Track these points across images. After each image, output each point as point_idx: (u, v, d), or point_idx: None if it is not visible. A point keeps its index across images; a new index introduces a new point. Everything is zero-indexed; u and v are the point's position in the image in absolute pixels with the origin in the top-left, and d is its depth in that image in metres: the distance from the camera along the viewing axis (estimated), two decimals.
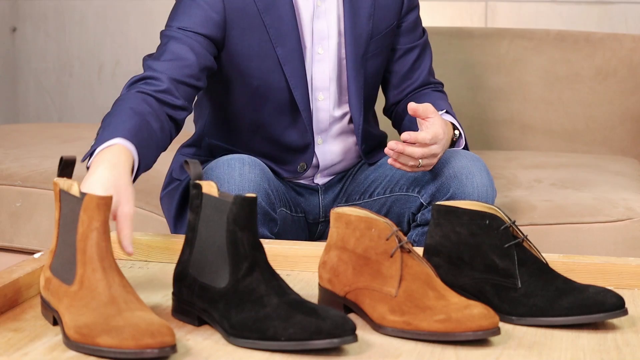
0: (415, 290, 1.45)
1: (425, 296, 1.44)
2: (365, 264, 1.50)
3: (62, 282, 1.38)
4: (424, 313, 1.42)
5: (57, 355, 1.30)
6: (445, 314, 1.40)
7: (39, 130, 3.04)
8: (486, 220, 1.50)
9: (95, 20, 3.70)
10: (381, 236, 1.49)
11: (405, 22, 2.20)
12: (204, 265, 1.41)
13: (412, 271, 1.47)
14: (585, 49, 2.95)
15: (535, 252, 1.52)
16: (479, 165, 2.00)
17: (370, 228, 1.50)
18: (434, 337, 1.38)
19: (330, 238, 1.55)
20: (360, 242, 1.51)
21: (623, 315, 1.43)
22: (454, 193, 1.98)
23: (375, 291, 1.47)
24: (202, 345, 1.35)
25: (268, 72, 2.05)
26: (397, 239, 1.48)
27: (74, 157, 1.47)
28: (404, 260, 1.47)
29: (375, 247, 1.49)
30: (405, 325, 1.41)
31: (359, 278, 1.49)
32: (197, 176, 1.45)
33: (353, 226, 1.52)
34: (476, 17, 3.39)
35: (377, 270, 1.48)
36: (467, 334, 1.37)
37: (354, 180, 2.21)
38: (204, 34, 2.00)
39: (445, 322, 1.39)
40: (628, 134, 2.93)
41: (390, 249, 1.48)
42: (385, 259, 1.47)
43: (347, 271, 1.51)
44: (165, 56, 1.97)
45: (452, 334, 1.37)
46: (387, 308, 1.44)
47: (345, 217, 1.53)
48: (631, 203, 2.31)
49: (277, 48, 2.04)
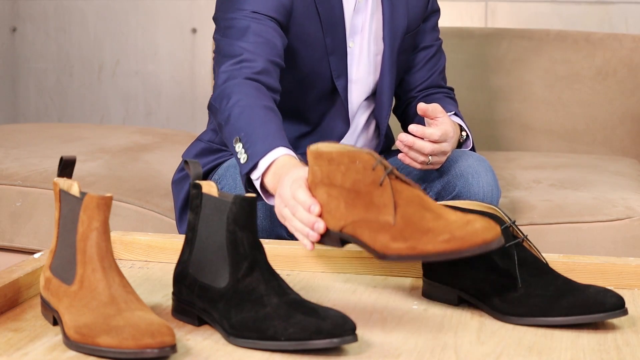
0: (412, 214, 1.46)
1: (423, 219, 1.45)
2: (356, 197, 1.50)
3: (62, 282, 1.38)
4: (427, 236, 1.43)
5: (57, 355, 1.30)
6: (448, 233, 1.41)
7: (39, 130, 3.04)
8: None
9: (95, 20, 3.70)
10: (367, 167, 1.49)
11: (426, 22, 2.25)
12: (204, 265, 1.41)
13: (404, 196, 1.48)
14: (585, 49, 2.95)
15: (536, 252, 1.52)
16: (485, 165, 2.02)
17: (354, 161, 1.50)
18: (441, 257, 1.41)
19: (314, 176, 1.55)
20: (347, 176, 1.51)
21: (623, 315, 1.43)
22: (460, 191, 1.99)
23: (372, 222, 1.48)
24: (202, 345, 1.35)
25: (317, 60, 2.09)
26: (383, 166, 1.49)
27: (74, 157, 1.47)
28: (394, 187, 1.48)
29: (362, 179, 1.49)
30: (410, 251, 1.42)
31: (353, 211, 1.50)
32: (197, 176, 1.45)
33: (337, 162, 1.52)
34: (476, 17, 3.40)
35: (370, 201, 1.49)
36: (474, 249, 1.39)
37: None
38: (277, 18, 2.03)
39: (450, 241, 1.40)
40: (628, 134, 2.93)
41: (378, 178, 1.48)
42: (375, 189, 1.48)
43: (340, 206, 1.51)
44: (252, 38, 1.98)
45: (459, 251, 1.40)
46: (389, 237, 1.45)
47: (326, 154, 1.53)
48: (630, 202, 2.31)
49: (326, 38, 2.08)
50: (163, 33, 3.66)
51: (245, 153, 1.80)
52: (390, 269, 1.70)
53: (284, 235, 1.95)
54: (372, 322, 1.46)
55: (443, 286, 1.55)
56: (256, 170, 1.78)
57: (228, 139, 1.87)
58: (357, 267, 1.71)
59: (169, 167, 2.58)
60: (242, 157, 1.80)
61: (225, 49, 1.99)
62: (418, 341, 1.38)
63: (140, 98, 3.71)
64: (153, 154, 2.74)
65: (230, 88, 1.91)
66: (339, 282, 1.66)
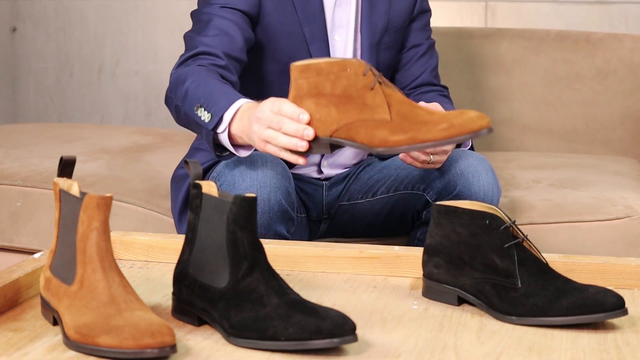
0: (406, 112, 1.56)
1: (417, 115, 1.55)
2: (347, 101, 1.58)
3: (62, 282, 1.38)
4: (426, 126, 1.54)
5: (57, 355, 1.30)
6: (447, 122, 1.53)
7: (39, 130, 3.04)
8: (486, 220, 1.50)
9: (95, 20, 3.70)
10: (358, 73, 1.58)
11: (415, 21, 2.26)
12: (204, 265, 1.41)
13: (394, 98, 1.58)
14: (586, 49, 2.95)
15: (535, 252, 1.52)
16: (485, 165, 2.03)
17: (345, 68, 1.59)
18: (441, 144, 1.53)
19: (299, 90, 1.63)
20: (337, 84, 1.59)
21: (623, 315, 1.43)
22: (461, 191, 2.00)
23: (368, 121, 1.56)
24: (202, 345, 1.35)
25: (295, 49, 2.11)
26: (372, 72, 1.59)
27: (74, 157, 1.47)
28: (384, 91, 1.58)
29: (354, 84, 1.58)
30: (411, 141, 1.54)
31: (346, 114, 1.58)
32: (197, 176, 1.45)
33: (326, 72, 1.60)
34: (476, 17, 3.39)
35: (362, 103, 1.58)
36: (471, 135, 1.53)
37: (357, 180, 2.22)
38: (245, 10, 2.07)
39: (449, 129, 1.52)
40: (628, 134, 2.93)
41: (370, 82, 1.58)
42: (367, 93, 1.57)
43: (330, 112, 1.60)
44: (212, 31, 2.03)
45: (457, 138, 1.52)
46: (387, 131, 1.54)
47: (314, 66, 1.61)
48: (630, 201, 2.31)
49: (304, 27, 2.11)
50: (163, 33, 3.66)
51: (209, 113, 1.86)
52: (390, 269, 1.70)
53: (282, 232, 1.95)
54: (372, 322, 1.46)
55: (443, 286, 1.55)
56: (222, 124, 1.84)
57: (189, 112, 1.91)
58: (357, 267, 1.71)
59: (169, 167, 2.58)
60: (205, 118, 1.85)
61: (186, 43, 2.05)
62: (418, 341, 1.38)
63: (140, 98, 3.71)
64: (153, 154, 2.74)
65: (184, 74, 1.96)
66: (339, 282, 1.66)
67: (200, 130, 1.90)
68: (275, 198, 1.91)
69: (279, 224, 1.94)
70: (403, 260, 1.69)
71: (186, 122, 1.98)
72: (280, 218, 1.93)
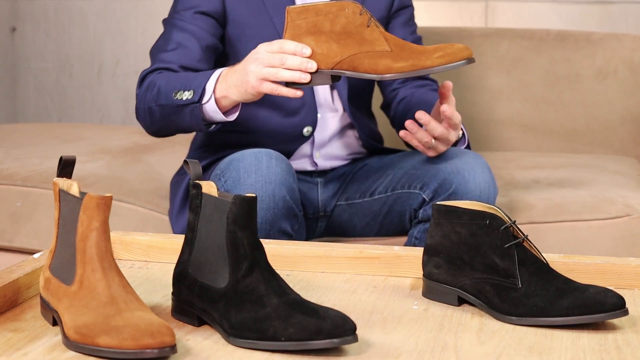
0: (403, 44, 1.76)
1: (413, 47, 1.76)
2: (347, 37, 1.76)
3: (61, 282, 1.37)
4: (423, 55, 1.74)
5: (57, 355, 1.30)
6: (441, 51, 1.74)
7: (39, 130, 3.04)
8: (486, 220, 1.50)
9: (95, 20, 3.70)
10: (355, 12, 1.77)
11: (396, 18, 2.27)
12: (204, 265, 1.41)
13: (388, 34, 1.78)
14: (586, 49, 2.95)
15: (536, 252, 1.52)
16: (481, 163, 2.03)
17: (343, 9, 1.78)
18: (439, 70, 1.73)
19: (296, 30, 1.79)
20: (336, 22, 1.77)
21: (623, 315, 1.43)
22: (457, 189, 2.00)
23: (370, 52, 1.74)
24: (202, 345, 1.35)
25: (266, 41, 2.11)
26: (367, 12, 1.79)
27: (74, 157, 1.46)
28: (379, 28, 1.78)
29: (352, 21, 1.76)
30: (412, 67, 1.73)
31: (347, 48, 1.76)
32: (197, 176, 1.45)
33: (324, 12, 1.78)
34: (476, 17, 3.39)
35: (362, 38, 1.75)
36: (463, 62, 1.74)
37: (354, 180, 2.22)
38: (207, 11, 2.12)
39: (444, 57, 1.73)
40: (628, 134, 2.93)
41: (366, 21, 1.78)
42: (364, 29, 1.75)
43: (331, 46, 1.77)
44: (170, 46, 2.10)
45: (452, 64, 1.73)
46: (390, 60, 1.72)
47: (312, 8, 1.79)
48: (629, 200, 2.31)
49: (274, 18, 2.13)
50: None
51: (189, 91, 1.96)
52: (390, 269, 1.70)
53: (287, 229, 1.95)
54: (372, 322, 1.46)
55: (443, 286, 1.55)
56: (205, 94, 1.95)
57: (167, 103, 1.99)
58: (357, 267, 1.71)
59: (169, 167, 2.58)
60: (187, 96, 1.96)
61: (151, 55, 2.13)
62: (418, 341, 1.38)
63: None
64: (153, 154, 2.74)
65: (148, 84, 2.06)
66: (339, 282, 1.66)
67: (183, 111, 1.97)
68: (280, 194, 1.91)
69: (283, 221, 1.94)
70: (403, 260, 1.69)
71: (163, 117, 2.04)
72: (285, 215, 1.93)
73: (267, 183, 1.90)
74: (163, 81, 2.02)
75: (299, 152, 2.21)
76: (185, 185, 2.19)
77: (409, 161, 2.14)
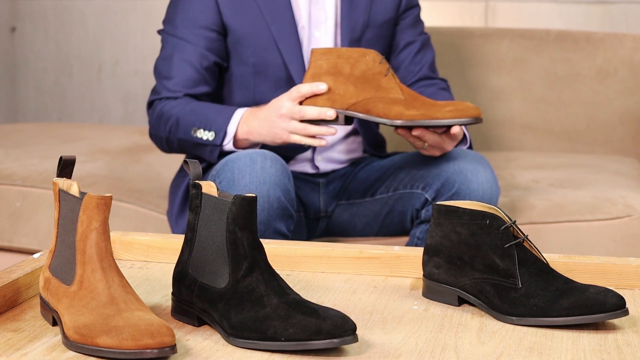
0: (416, 96, 1.90)
1: (425, 99, 1.89)
2: (365, 82, 1.89)
3: (61, 282, 1.37)
4: (435, 107, 1.88)
5: (57, 355, 1.30)
6: (452, 106, 1.89)
7: (39, 130, 3.04)
8: (486, 220, 1.50)
9: (95, 20, 3.70)
10: (375, 60, 1.92)
11: (404, 19, 2.26)
12: (204, 265, 1.41)
13: (403, 85, 1.91)
14: (586, 49, 2.95)
15: (536, 252, 1.51)
16: (484, 163, 2.03)
17: (365, 55, 1.92)
18: (447, 123, 1.88)
19: (317, 69, 1.92)
20: (356, 67, 1.90)
21: (624, 315, 1.43)
22: (459, 189, 2.00)
23: (384, 97, 1.87)
24: (201, 345, 1.35)
25: (263, 49, 2.15)
26: (385, 62, 1.93)
27: (74, 157, 1.46)
28: (395, 79, 1.92)
29: (371, 68, 1.90)
30: (423, 117, 1.87)
31: (363, 92, 1.90)
32: (197, 176, 1.45)
33: (346, 56, 1.92)
34: (476, 17, 3.39)
35: (378, 84, 1.89)
36: (470, 119, 1.89)
37: (355, 180, 2.22)
38: (205, 25, 2.13)
39: (454, 111, 1.88)
40: (628, 134, 2.93)
41: (384, 70, 1.92)
42: (381, 77, 1.89)
43: (348, 88, 1.90)
44: (173, 71, 2.14)
45: (460, 120, 1.87)
46: (402, 107, 1.85)
47: (335, 51, 1.93)
48: (630, 200, 2.31)
49: (270, 26, 2.14)
50: None
51: (210, 132, 2.04)
52: (390, 269, 1.70)
53: (282, 230, 1.95)
54: (372, 322, 1.46)
55: (443, 286, 1.55)
56: (227, 136, 2.04)
57: (186, 137, 2.07)
58: (357, 267, 1.71)
59: (169, 168, 2.58)
60: (208, 137, 2.03)
61: (156, 76, 2.17)
62: (418, 341, 1.38)
63: (140, 98, 3.71)
64: (153, 154, 2.74)
65: (162, 111, 2.11)
66: (339, 282, 1.66)
67: (203, 148, 2.06)
68: (274, 195, 1.91)
69: (278, 221, 1.93)
70: (403, 261, 1.69)
71: (181, 148, 2.12)
72: (280, 215, 1.93)
73: (262, 184, 1.91)
74: (179, 113, 2.08)
75: (300, 156, 2.21)
76: (185, 187, 2.19)
77: (411, 161, 2.14)
